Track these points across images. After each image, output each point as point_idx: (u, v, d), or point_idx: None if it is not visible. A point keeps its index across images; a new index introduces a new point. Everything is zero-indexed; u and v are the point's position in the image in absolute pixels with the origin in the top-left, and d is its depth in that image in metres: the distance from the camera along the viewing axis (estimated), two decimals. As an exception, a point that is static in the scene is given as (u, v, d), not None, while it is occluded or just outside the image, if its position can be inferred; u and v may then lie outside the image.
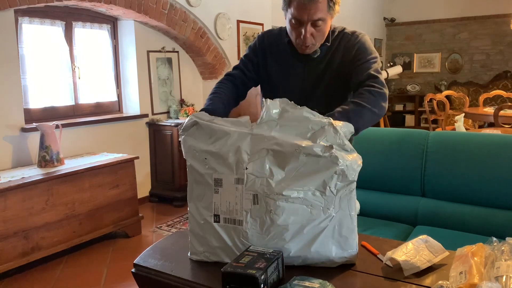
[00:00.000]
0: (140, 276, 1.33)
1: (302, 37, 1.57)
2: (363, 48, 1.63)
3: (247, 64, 1.79)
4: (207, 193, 1.29)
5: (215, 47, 5.06)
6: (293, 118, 1.25)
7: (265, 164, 1.21)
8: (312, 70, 1.69)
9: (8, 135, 3.46)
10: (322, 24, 1.56)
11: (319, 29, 1.57)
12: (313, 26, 1.55)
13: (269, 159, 1.21)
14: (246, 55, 1.82)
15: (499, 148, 2.23)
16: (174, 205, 4.53)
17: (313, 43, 1.60)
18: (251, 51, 1.80)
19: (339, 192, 1.20)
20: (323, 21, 1.55)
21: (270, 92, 1.78)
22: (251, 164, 1.22)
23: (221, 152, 1.25)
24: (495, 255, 1.13)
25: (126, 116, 4.45)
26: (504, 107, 5.03)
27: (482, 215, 2.22)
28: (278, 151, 1.21)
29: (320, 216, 1.21)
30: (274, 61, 1.75)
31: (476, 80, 8.49)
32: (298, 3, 1.52)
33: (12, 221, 2.89)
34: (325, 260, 1.24)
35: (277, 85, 1.75)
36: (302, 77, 1.70)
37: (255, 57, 1.78)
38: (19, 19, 3.57)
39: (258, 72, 1.79)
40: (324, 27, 1.58)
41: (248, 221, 1.23)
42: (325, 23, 1.57)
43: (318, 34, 1.58)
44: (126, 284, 2.90)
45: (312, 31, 1.56)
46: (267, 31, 1.82)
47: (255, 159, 1.22)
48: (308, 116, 1.24)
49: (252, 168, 1.22)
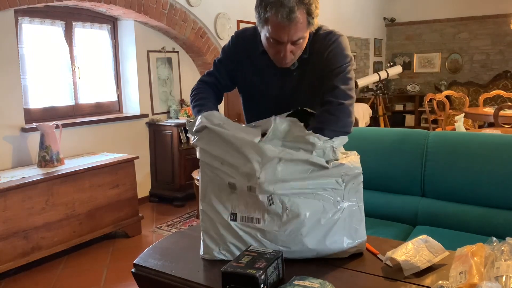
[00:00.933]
0: (140, 276, 1.33)
1: (281, 55, 1.49)
2: (334, 53, 1.55)
3: (221, 71, 1.72)
4: (222, 192, 1.31)
5: (215, 47, 5.06)
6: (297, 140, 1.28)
7: (277, 172, 1.24)
8: (288, 80, 1.63)
9: (8, 135, 3.46)
10: (301, 41, 1.49)
11: (299, 46, 1.50)
12: (293, 44, 1.47)
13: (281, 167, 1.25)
14: (220, 60, 1.74)
15: (499, 148, 2.22)
16: (174, 205, 4.52)
17: (292, 59, 1.53)
18: (225, 56, 1.73)
19: (347, 185, 1.28)
20: (303, 38, 1.49)
21: (248, 95, 1.74)
22: (263, 173, 1.25)
23: (233, 161, 1.28)
24: (495, 255, 1.13)
25: (126, 116, 4.45)
26: (504, 107, 5.03)
27: (482, 215, 2.22)
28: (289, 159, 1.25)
29: (332, 209, 1.27)
30: (250, 66, 1.67)
31: (476, 80, 8.49)
32: (277, 24, 1.41)
33: (12, 221, 2.89)
34: (338, 251, 1.29)
35: (255, 90, 1.69)
36: (279, 85, 1.64)
37: (231, 63, 1.71)
38: (19, 19, 3.57)
39: (233, 78, 1.72)
40: (303, 43, 1.51)
41: (266, 219, 1.26)
42: (304, 40, 1.50)
43: (297, 49, 1.51)
44: (126, 284, 2.90)
45: (292, 48, 1.49)
46: (241, 32, 1.73)
47: (267, 168, 1.25)
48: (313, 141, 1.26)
49: (264, 177, 1.24)
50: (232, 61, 1.70)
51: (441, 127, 5.96)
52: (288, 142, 1.27)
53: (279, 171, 1.24)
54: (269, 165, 1.25)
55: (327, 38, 1.57)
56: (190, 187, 4.53)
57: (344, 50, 1.56)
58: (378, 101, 7.04)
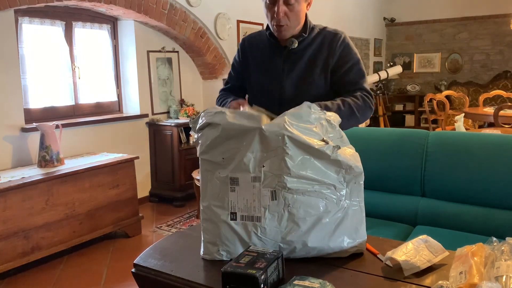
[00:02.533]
0: (140, 276, 1.33)
1: (275, 15, 1.58)
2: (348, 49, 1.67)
3: (233, 76, 1.88)
4: (222, 191, 1.30)
5: (215, 47, 5.06)
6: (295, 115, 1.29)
7: (282, 162, 1.24)
8: (291, 64, 1.69)
9: (8, 135, 3.46)
10: (295, 3, 1.57)
11: (292, 8, 1.57)
12: (286, 5, 1.57)
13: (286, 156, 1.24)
14: (232, 66, 1.89)
15: (499, 148, 2.22)
16: (174, 205, 4.53)
17: (287, 24, 1.60)
18: (234, 61, 1.87)
19: (349, 185, 1.28)
20: (296, 1, 1.57)
21: (250, 91, 1.82)
22: (268, 162, 1.25)
23: (237, 151, 1.27)
24: (495, 255, 1.13)
25: (126, 116, 4.45)
26: (504, 107, 5.03)
27: (482, 215, 2.22)
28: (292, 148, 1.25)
29: (334, 208, 1.27)
30: (254, 60, 1.77)
31: (476, 80, 8.49)
32: None
33: (12, 221, 2.89)
34: (338, 250, 1.29)
35: (258, 83, 1.77)
36: (281, 72, 1.70)
37: (240, 66, 1.84)
38: (19, 19, 3.57)
39: (244, 79, 1.84)
40: (297, 7, 1.59)
41: (266, 217, 1.26)
42: (298, 3, 1.58)
43: (291, 14, 1.59)
44: (126, 284, 2.90)
45: (285, 9, 1.57)
46: (247, 35, 1.86)
47: (272, 156, 1.24)
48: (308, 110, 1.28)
49: (269, 167, 1.24)
50: (240, 63, 1.83)
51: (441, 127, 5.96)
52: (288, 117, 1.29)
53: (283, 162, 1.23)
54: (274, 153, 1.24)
55: (337, 36, 1.67)
56: (190, 187, 4.54)
57: (354, 47, 1.70)
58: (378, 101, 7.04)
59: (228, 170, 1.28)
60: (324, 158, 1.26)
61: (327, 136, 1.28)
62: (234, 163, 1.28)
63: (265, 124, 1.27)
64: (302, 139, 1.24)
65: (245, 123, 1.28)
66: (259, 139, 1.26)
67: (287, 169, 1.24)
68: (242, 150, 1.27)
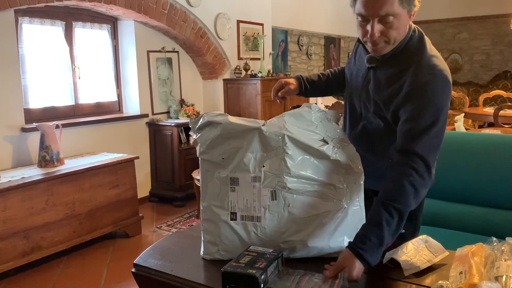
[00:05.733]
0: (140, 276, 1.33)
1: (369, 36, 1.31)
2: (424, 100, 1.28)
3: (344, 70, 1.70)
4: (222, 191, 1.30)
5: (215, 47, 5.06)
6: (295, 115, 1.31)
7: (282, 162, 1.24)
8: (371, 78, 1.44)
9: (8, 135, 3.45)
10: (394, 20, 1.27)
11: (390, 25, 1.28)
12: (382, 23, 1.28)
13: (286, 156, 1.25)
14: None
15: (499, 148, 2.22)
16: (174, 205, 4.52)
17: (386, 41, 1.32)
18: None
19: (349, 185, 1.28)
20: (395, 17, 1.27)
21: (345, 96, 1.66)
22: (268, 162, 1.25)
23: (237, 151, 1.28)
24: (495, 255, 1.13)
25: (126, 116, 4.45)
26: (504, 107, 5.03)
27: (482, 215, 2.22)
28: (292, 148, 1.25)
29: (334, 208, 1.28)
30: (354, 62, 1.59)
31: (476, 80, 8.49)
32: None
33: (12, 221, 2.89)
34: (339, 250, 1.28)
35: (347, 87, 1.62)
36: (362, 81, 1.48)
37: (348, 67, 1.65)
38: (19, 19, 3.57)
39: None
40: (397, 23, 1.29)
41: (266, 217, 1.26)
42: (398, 19, 1.28)
43: (390, 31, 1.30)
44: (126, 284, 2.90)
45: (381, 28, 1.29)
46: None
47: (272, 156, 1.25)
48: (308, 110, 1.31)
49: (269, 166, 1.25)
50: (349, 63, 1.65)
51: (441, 127, 5.95)
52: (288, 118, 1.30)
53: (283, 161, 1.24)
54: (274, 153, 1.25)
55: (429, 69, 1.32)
56: (190, 187, 4.53)
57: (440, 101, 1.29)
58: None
59: (228, 170, 1.28)
60: (324, 158, 1.26)
61: (327, 136, 1.29)
62: (234, 163, 1.28)
63: (265, 124, 1.27)
64: (302, 139, 1.24)
65: (245, 123, 1.28)
66: (259, 139, 1.26)
67: (287, 169, 1.24)
68: (242, 150, 1.27)
